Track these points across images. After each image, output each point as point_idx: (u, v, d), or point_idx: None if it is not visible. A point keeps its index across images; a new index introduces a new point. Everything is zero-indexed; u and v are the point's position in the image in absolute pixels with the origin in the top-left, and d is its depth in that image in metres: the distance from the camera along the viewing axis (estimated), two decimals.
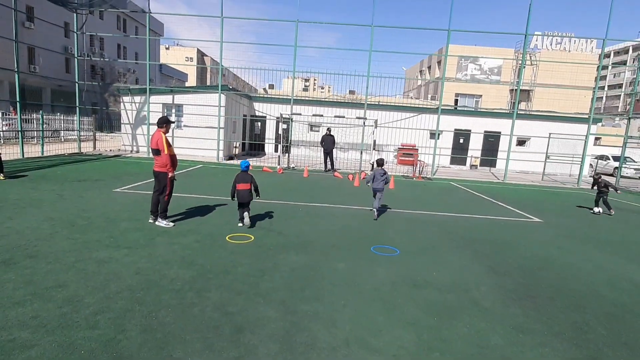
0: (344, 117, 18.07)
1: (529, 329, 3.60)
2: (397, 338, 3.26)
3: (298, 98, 21.23)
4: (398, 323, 3.53)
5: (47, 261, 4.34)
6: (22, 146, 13.86)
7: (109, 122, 28.05)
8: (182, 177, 11.54)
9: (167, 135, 6.17)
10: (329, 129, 16.21)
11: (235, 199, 6.38)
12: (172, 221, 6.34)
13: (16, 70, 13.36)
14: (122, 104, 18.68)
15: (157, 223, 6.20)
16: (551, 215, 9.48)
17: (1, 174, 9.25)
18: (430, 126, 19.90)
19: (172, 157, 6.10)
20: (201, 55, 64.19)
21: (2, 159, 9.54)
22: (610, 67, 76.32)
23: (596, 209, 10.09)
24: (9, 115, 19.83)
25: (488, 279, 4.82)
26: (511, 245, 6.54)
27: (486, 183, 15.56)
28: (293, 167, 16.22)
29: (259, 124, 22.53)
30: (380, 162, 8.07)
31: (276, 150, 21.01)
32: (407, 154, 20.42)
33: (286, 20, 17.37)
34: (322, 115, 18.28)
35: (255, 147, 22.50)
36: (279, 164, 15.94)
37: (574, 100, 29.69)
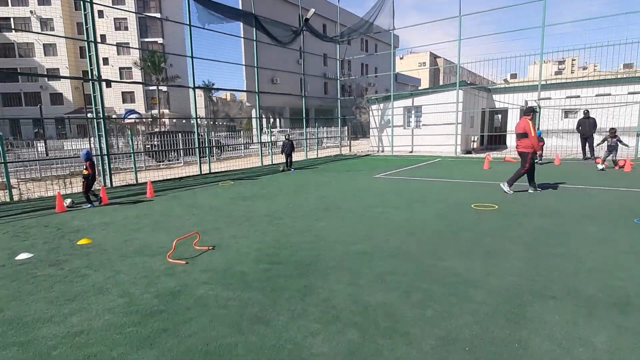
0: (609, 94, 15.22)
1: None
2: None
3: (547, 83, 19.15)
4: None
5: (348, 211, 6.52)
6: (307, 150, 18.92)
7: (361, 129, 33.44)
8: (427, 167, 13.05)
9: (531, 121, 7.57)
10: (586, 112, 14.11)
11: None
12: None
13: (303, 95, 18.43)
14: (370, 111, 22.19)
15: (501, 185, 7.87)
16: None
17: (290, 168, 13.15)
18: None
19: (536, 139, 7.50)
20: (434, 58, 65.82)
21: (293, 159, 13.72)
22: None
23: None
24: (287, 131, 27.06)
25: None
26: None
27: None
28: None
29: (499, 116, 21.67)
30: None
31: None
32: None
33: (532, 2, 16.16)
34: (578, 97, 16.01)
35: (495, 141, 21.76)
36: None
37: None
